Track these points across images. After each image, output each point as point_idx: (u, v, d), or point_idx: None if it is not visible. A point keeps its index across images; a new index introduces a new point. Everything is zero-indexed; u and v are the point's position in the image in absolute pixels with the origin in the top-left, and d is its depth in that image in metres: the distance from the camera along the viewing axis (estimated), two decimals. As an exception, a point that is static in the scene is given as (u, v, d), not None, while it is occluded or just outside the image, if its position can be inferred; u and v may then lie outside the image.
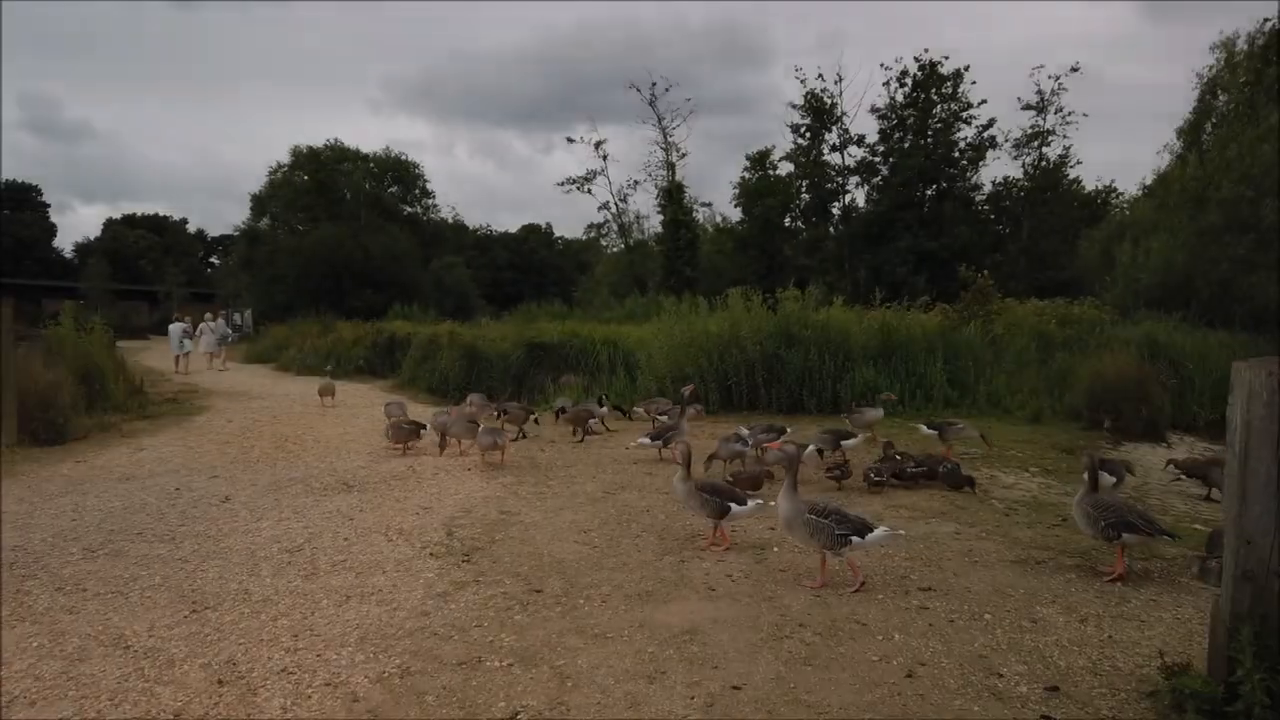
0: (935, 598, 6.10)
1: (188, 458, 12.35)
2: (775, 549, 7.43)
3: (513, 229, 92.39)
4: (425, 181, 65.69)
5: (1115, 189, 47.96)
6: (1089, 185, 48.54)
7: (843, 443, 10.61)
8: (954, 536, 7.87)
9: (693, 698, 4.42)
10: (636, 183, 62.85)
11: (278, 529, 8.01)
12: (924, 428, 12.16)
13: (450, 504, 9.04)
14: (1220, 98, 34.29)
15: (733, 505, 7.13)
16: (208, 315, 33.42)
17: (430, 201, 66.97)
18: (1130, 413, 15.50)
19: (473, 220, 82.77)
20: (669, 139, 51.52)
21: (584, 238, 68.41)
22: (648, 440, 11.59)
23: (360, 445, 13.30)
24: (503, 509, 8.82)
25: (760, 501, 7.37)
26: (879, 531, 6.27)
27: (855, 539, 6.17)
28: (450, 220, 72.58)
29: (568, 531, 7.90)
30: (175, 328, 29.80)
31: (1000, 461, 11.70)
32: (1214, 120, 33.35)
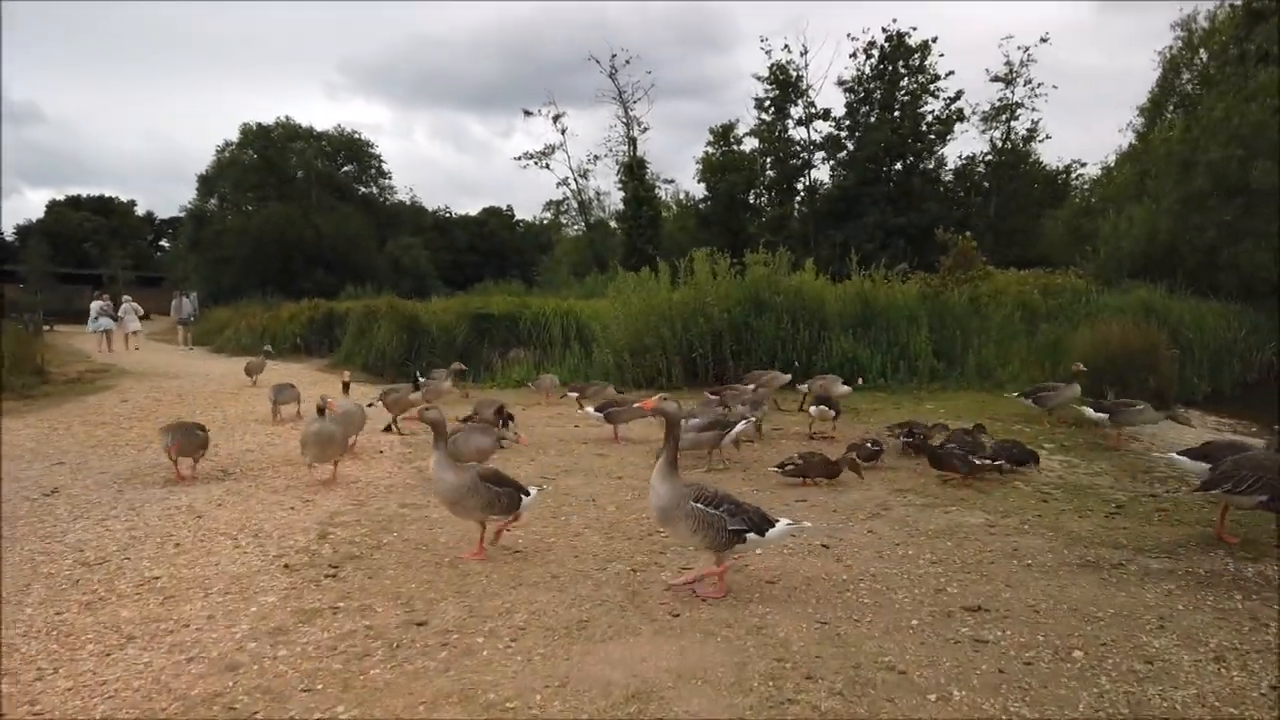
0: (991, 624, 4.28)
1: (44, 441, 10.16)
2: (758, 551, 5.58)
3: (473, 212, 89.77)
4: (380, 161, 63.10)
5: (1081, 162, 46.89)
6: (1051, 165, 47.50)
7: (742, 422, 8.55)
8: (987, 530, 6.07)
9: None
10: (596, 158, 60.40)
11: (91, 532, 5.94)
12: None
13: (341, 496, 7.05)
14: (1183, 75, 33.30)
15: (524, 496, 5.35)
16: (126, 297, 31.12)
17: (386, 182, 64.52)
18: (1136, 384, 13.96)
19: (432, 204, 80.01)
20: (630, 113, 49.37)
21: (542, 216, 66.14)
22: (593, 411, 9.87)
23: (263, 427, 11.20)
24: (405, 501, 6.85)
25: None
26: (782, 526, 4.63)
27: (752, 536, 4.49)
28: (409, 202, 70.09)
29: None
30: (94, 305, 27.89)
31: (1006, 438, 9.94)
32: (1176, 99, 32.27)
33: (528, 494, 5.30)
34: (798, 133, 48.41)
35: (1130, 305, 18.51)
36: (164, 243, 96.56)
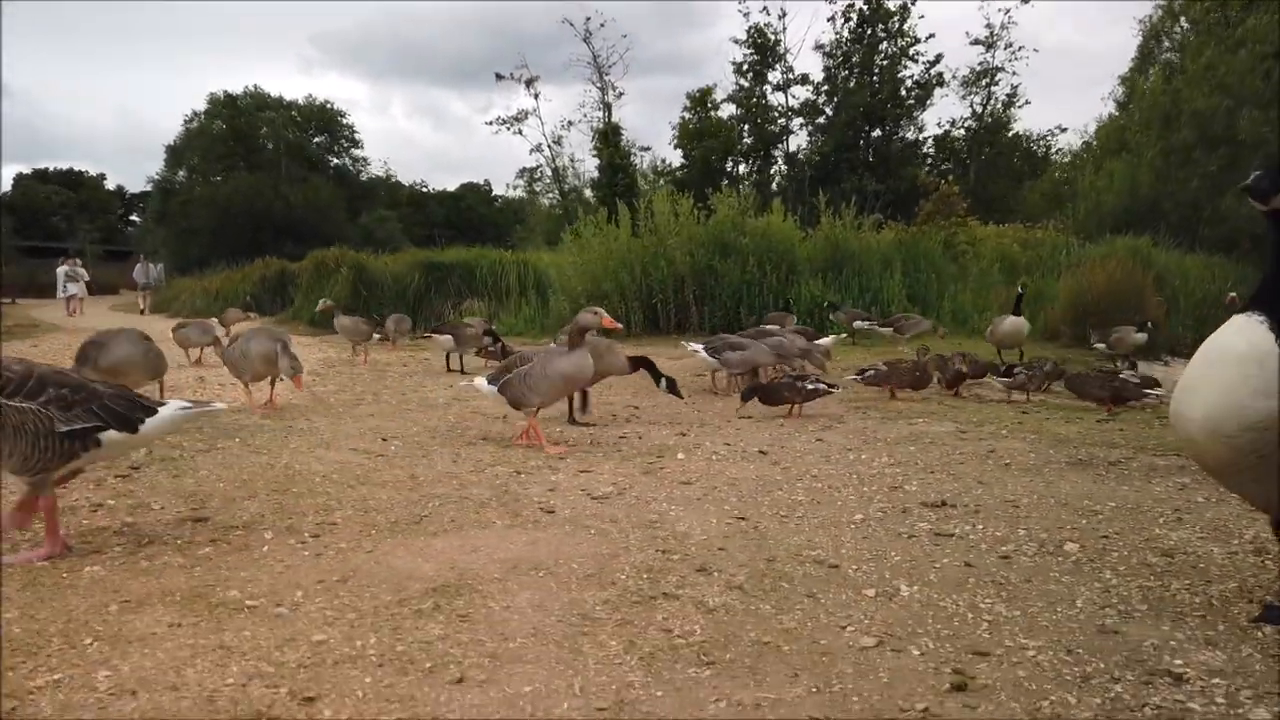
0: (958, 519, 3.29)
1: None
2: (680, 455, 4.57)
3: (451, 188, 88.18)
4: (353, 132, 61.42)
5: (1062, 128, 46.16)
6: (1031, 132, 46.73)
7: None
8: (958, 436, 5.09)
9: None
10: (571, 124, 58.89)
11: None
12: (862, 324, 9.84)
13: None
14: (1164, 43, 32.59)
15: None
16: (67, 262, 30.17)
17: (359, 153, 62.90)
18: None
19: (410, 180, 78.59)
20: (605, 78, 47.96)
21: (516, 183, 64.66)
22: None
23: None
24: (278, 420, 5.78)
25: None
26: (172, 408, 2.95)
27: (113, 434, 2.75)
28: (385, 176, 68.58)
29: (349, 438, 4.91)
30: (60, 271, 27.42)
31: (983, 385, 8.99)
32: (1157, 68, 31.54)
33: (153, 412, 2.96)
34: (776, 98, 47.28)
35: (1116, 251, 17.68)
36: (134, 217, 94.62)
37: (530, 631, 2.13)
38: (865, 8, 44.81)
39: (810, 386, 5.90)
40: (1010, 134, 46.33)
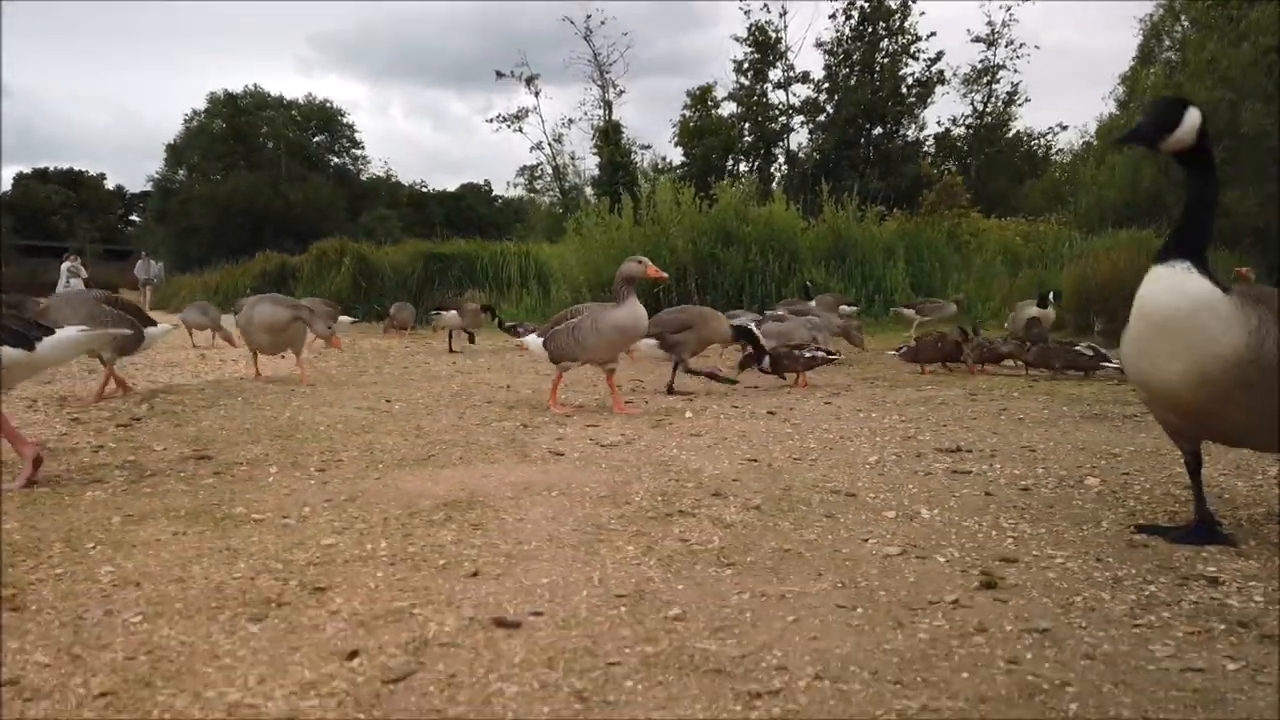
0: (975, 461, 3.24)
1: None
2: (689, 415, 4.51)
3: (451, 188, 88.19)
4: (353, 131, 61.41)
5: (1063, 125, 46.15)
6: (1032, 129, 46.67)
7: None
8: (968, 399, 5.03)
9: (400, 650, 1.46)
10: (571, 121, 58.73)
11: None
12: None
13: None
14: (1164, 42, 32.54)
15: None
16: (70, 258, 30.29)
17: (359, 153, 62.89)
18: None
19: (409, 179, 78.61)
20: (605, 76, 47.90)
21: (517, 181, 64.62)
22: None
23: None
24: (289, 384, 5.73)
25: None
26: (69, 330, 2.92)
27: (10, 351, 2.69)
28: (385, 176, 68.58)
29: (352, 400, 4.85)
30: (64, 267, 27.92)
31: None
32: (1157, 67, 31.50)
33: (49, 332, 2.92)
34: (776, 96, 47.23)
35: (1119, 243, 17.65)
36: (134, 217, 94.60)
37: (545, 538, 2.07)
38: (866, 5, 44.75)
39: (809, 354, 5.83)
40: (1011, 133, 46.31)
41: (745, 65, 47.26)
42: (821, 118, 47.04)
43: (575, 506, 2.38)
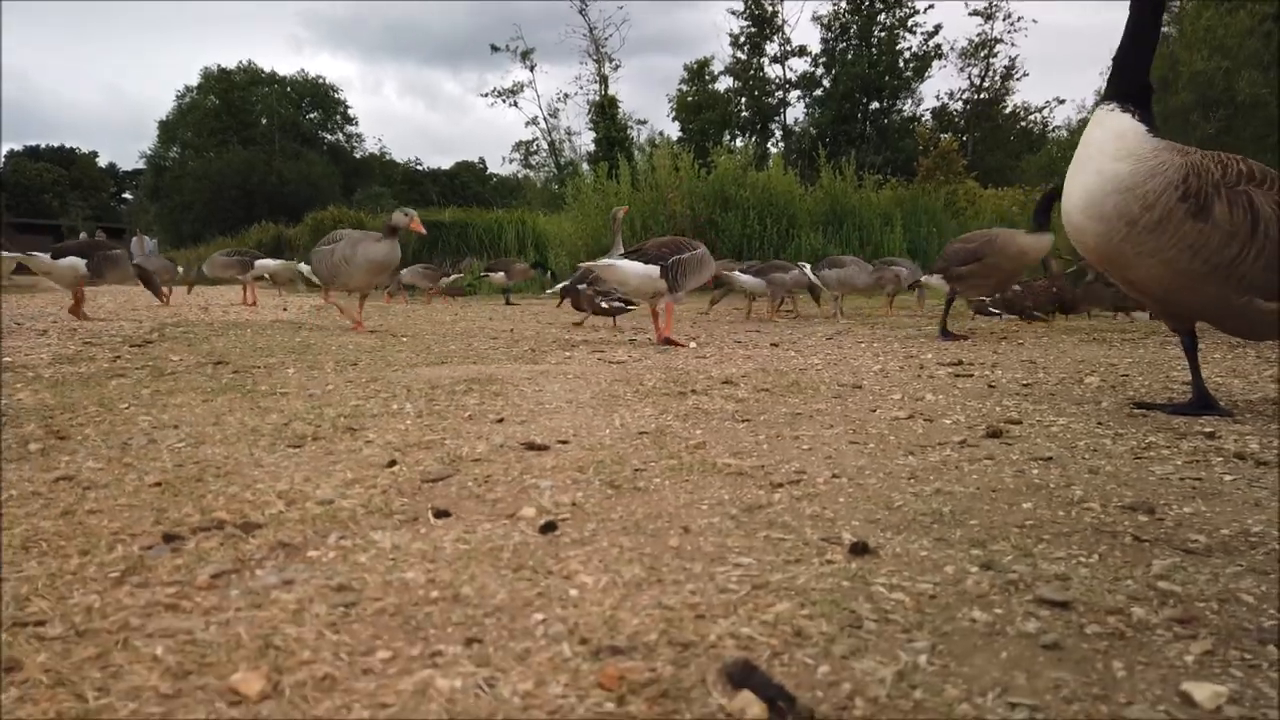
0: (979, 370, 3.32)
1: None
2: (693, 344, 4.57)
3: (445, 166, 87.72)
4: (346, 107, 61.00)
5: (1060, 99, 46.03)
6: (1029, 103, 46.55)
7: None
8: (970, 348, 5.10)
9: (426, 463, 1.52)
10: (567, 96, 58.46)
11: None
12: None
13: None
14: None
15: None
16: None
17: (354, 130, 62.51)
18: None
19: (403, 157, 78.14)
20: (601, 50, 47.57)
21: (512, 156, 64.35)
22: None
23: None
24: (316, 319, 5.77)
25: None
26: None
27: None
28: (379, 154, 68.21)
29: (363, 336, 4.91)
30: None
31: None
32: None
33: None
34: (773, 70, 46.97)
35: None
36: (127, 195, 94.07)
37: (564, 402, 2.15)
38: (865, -25, 44.47)
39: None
40: (1008, 108, 46.14)
41: (741, 39, 46.96)
42: (818, 92, 46.80)
43: (590, 386, 2.45)
